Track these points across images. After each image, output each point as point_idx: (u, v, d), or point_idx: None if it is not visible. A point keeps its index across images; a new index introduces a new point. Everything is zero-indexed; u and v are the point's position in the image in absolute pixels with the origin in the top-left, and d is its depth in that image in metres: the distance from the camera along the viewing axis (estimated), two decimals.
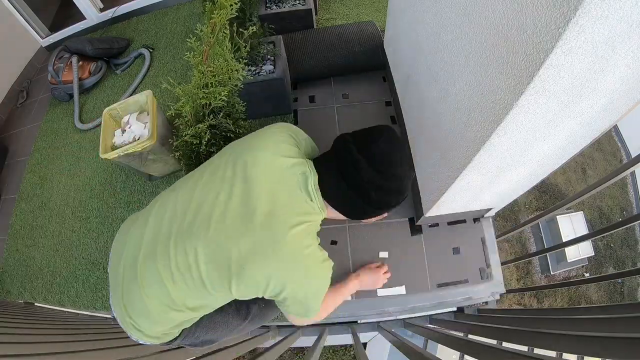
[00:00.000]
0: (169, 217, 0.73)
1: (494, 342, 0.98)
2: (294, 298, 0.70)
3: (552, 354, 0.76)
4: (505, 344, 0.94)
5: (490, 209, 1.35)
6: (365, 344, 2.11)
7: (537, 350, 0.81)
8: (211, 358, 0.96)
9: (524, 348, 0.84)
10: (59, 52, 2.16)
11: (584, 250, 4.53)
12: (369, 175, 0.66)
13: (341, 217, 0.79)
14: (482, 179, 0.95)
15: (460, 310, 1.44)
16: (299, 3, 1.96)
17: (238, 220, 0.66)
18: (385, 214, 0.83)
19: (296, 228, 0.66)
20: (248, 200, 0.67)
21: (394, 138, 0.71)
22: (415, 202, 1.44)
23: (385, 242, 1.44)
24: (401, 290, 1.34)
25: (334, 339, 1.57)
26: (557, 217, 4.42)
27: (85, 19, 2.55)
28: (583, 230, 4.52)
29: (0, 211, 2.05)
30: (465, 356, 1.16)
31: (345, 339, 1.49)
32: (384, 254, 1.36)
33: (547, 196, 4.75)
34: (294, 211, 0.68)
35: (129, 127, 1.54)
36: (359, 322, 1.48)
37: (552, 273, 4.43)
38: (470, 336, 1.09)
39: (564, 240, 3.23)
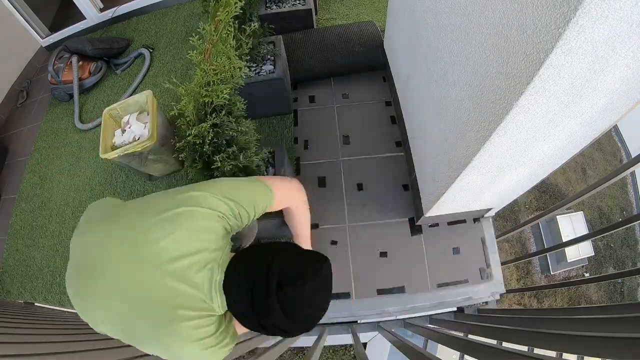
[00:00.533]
0: (73, 265, 0.68)
1: (494, 342, 0.98)
2: None
3: (552, 354, 0.76)
4: (505, 344, 0.94)
5: (490, 209, 1.35)
6: (365, 344, 2.11)
7: (537, 350, 0.81)
8: None
9: (524, 348, 0.84)
10: (59, 52, 2.16)
11: (584, 250, 4.53)
12: (277, 320, 0.59)
13: None
14: (482, 179, 0.95)
15: (460, 310, 1.44)
16: (299, 3, 1.96)
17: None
18: None
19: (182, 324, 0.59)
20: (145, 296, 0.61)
21: (326, 281, 0.63)
22: (415, 202, 1.44)
23: (385, 242, 1.44)
24: None
25: (334, 339, 1.57)
26: (557, 217, 4.42)
27: (85, 19, 2.55)
28: (583, 230, 4.51)
29: (0, 211, 2.05)
30: (465, 356, 1.15)
31: (345, 339, 1.49)
32: None
33: (547, 196, 4.74)
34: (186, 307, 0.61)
35: (129, 127, 1.54)
36: (359, 322, 1.48)
37: (552, 273, 4.43)
38: (470, 336, 1.09)
39: (564, 240, 3.22)
